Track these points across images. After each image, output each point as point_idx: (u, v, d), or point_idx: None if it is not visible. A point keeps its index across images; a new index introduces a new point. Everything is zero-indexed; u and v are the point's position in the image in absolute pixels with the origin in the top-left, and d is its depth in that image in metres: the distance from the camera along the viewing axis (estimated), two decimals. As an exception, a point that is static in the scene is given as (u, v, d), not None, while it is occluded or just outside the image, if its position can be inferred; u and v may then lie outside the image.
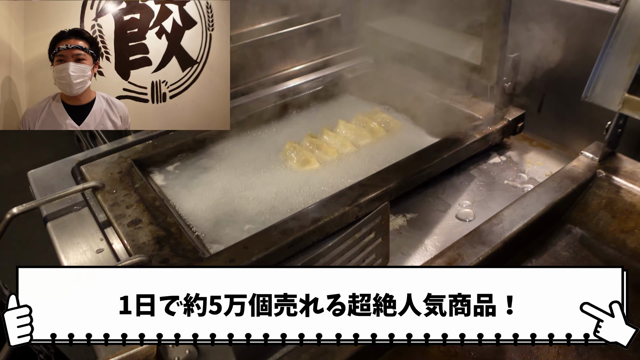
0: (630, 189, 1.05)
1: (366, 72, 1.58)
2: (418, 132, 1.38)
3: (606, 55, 1.04)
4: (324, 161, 1.25)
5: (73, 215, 1.08)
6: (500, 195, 1.13)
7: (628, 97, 1.01)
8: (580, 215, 1.06)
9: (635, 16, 1.00)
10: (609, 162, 1.11)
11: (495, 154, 1.27)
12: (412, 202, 1.12)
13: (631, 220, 1.02)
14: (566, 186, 1.05)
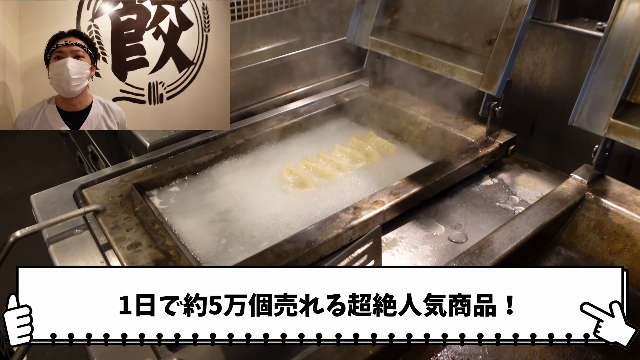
0: (618, 210, 1.07)
1: (362, 95, 1.62)
2: (411, 155, 1.41)
3: (592, 81, 1.08)
4: (320, 184, 1.28)
5: (74, 238, 1.10)
6: (492, 218, 1.16)
7: (613, 121, 1.04)
8: (570, 237, 1.08)
9: (619, 43, 1.04)
10: (598, 184, 1.14)
11: (488, 177, 1.30)
12: (405, 224, 1.15)
13: (619, 242, 1.04)
14: (555, 208, 1.07)
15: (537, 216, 1.05)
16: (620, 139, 1.04)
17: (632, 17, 1.02)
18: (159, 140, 1.41)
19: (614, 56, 1.04)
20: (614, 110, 1.04)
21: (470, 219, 1.15)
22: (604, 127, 1.06)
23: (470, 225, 1.14)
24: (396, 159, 1.39)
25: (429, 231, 1.13)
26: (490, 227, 1.12)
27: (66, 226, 1.12)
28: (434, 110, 1.47)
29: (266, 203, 1.23)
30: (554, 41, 1.32)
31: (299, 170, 1.31)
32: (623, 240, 1.04)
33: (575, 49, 1.29)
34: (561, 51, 1.31)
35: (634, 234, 1.03)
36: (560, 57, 1.32)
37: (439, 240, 1.10)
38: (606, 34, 1.06)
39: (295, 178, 1.28)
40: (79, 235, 1.11)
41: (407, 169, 1.27)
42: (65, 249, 1.08)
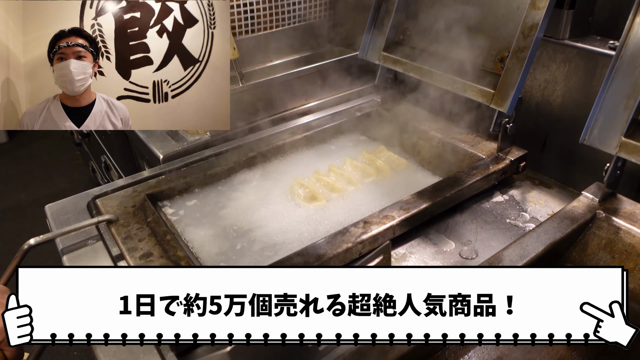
0: (629, 229, 1.07)
1: (373, 110, 1.63)
2: (422, 170, 1.42)
3: (603, 99, 1.08)
4: (330, 198, 1.28)
5: (88, 248, 1.12)
6: (502, 234, 1.16)
7: (625, 140, 1.04)
8: (580, 255, 1.08)
9: (631, 62, 1.04)
10: (609, 202, 1.14)
11: (499, 193, 1.30)
12: (415, 239, 1.15)
13: (630, 261, 1.04)
14: (566, 226, 1.07)
15: (547, 234, 1.05)
16: (632, 158, 1.04)
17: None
18: (172, 152, 1.43)
19: (626, 75, 1.05)
20: (626, 129, 1.04)
21: (480, 235, 1.15)
22: (615, 146, 1.06)
23: (480, 242, 1.14)
24: (407, 174, 1.40)
25: (439, 247, 1.13)
26: (500, 243, 1.12)
27: (80, 236, 1.14)
28: (445, 126, 1.47)
29: (277, 215, 1.24)
30: (565, 59, 1.33)
31: (310, 184, 1.32)
32: (634, 260, 1.04)
33: (587, 67, 1.29)
34: (573, 69, 1.32)
35: (646, 254, 1.03)
36: (572, 75, 1.32)
37: (449, 256, 1.10)
38: (618, 53, 1.06)
39: (306, 192, 1.29)
40: (92, 245, 1.13)
41: (418, 184, 1.28)
42: (78, 259, 1.09)
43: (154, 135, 1.51)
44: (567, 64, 1.33)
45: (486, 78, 1.33)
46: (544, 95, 1.40)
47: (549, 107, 1.39)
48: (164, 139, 1.49)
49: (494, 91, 1.27)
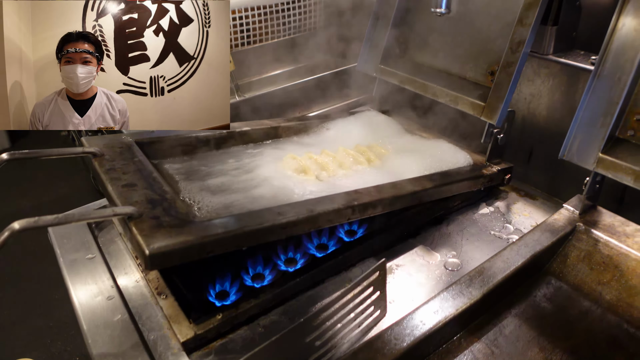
0: (607, 241, 1.11)
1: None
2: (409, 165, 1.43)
3: (581, 117, 1.12)
4: (320, 176, 1.31)
5: (88, 262, 1.16)
6: (487, 246, 1.20)
7: (602, 156, 1.08)
8: (560, 267, 1.12)
9: (607, 80, 1.08)
10: (589, 215, 1.18)
11: (484, 205, 1.34)
12: (402, 252, 1.19)
13: (608, 273, 1.08)
14: (546, 239, 1.11)
15: (528, 247, 1.09)
16: (609, 174, 1.08)
17: (621, 57, 1.07)
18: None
19: (603, 93, 1.09)
20: (603, 146, 1.09)
21: (465, 248, 1.20)
22: (593, 162, 1.10)
23: (464, 254, 1.18)
24: (396, 167, 1.39)
25: (425, 259, 1.17)
26: (485, 255, 1.16)
27: (78, 251, 1.19)
28: (437, 136, 1.52)
29: (266, 181, 1.24)
30: (549, 74, 1.37)
31: (302, 160, 1.33)
32: (611, 271, 1.08)
33: (570, 81, 1.33)
34: (557, 84, 1.36)
35: (622, 265, 1.07)
36: (556, 89, 1.36)
37: (434, 268, 1.14)
38: (595, 71, 1.10)
39: (298, 165, 1.31)
40: (92, 259, 1.17)
41: (409, 174, 1.29)
42: (79, 272, 1.14)
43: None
44: (551, 78, 1.37)
45: (477, 91, 1.38)
46: (529, 109, 1.44)
47: (535, 120, 1.43)
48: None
49: (484, 104, 1.32)
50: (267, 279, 1.30)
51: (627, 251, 1.08)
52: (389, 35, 1.62)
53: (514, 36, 1.27)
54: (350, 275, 1.13)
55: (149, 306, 1.06)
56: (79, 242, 1.22)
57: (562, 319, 1.02)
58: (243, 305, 1.01)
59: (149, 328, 1.01)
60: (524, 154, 1.48)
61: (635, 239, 1.10)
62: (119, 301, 1.06)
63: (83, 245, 1.21)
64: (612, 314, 1.02)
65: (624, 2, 1.08)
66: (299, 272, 1.08)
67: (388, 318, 1.02)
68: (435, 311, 0.94)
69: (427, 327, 0.91)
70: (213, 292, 1.27)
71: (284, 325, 1.01)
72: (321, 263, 1.11)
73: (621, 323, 1.00)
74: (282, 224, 0.97)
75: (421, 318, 0.93)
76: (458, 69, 1.47)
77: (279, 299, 1.06)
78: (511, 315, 1.03)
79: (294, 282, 1.06)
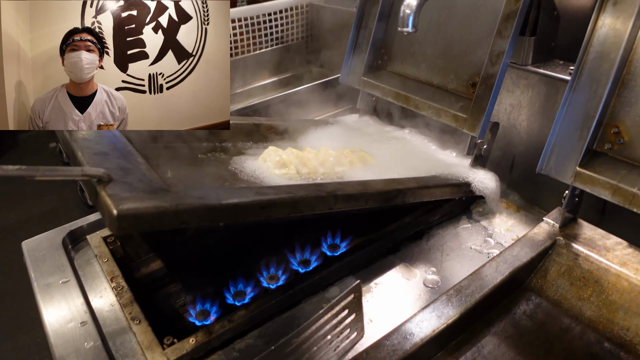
0: (587, 256, 1.10)
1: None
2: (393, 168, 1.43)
3: (558, 130, 1.11)
4: (301, 172, 1.29)
5: (62, 286, 1.15)
6: (467, 262, 1.19)
7: (579, 170, 1.07)
8: (540, 282, 1.11)
9: (583, 93, 1.07)
10: (569, 228, 1.17)
11: (465, 218, 1.33)
12: (381, 271, 1.18)
13: (588, 288, 1.07)
14: (525, 254, 1.10)
15: (507, 263, 1.07)
16: (587, 188, 1.07)
17: (597, 69, 1.06)
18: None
19: (580, 106, 1.08)
20: (580, 159, 1.07)
21: (445, 264, 1.18)
22: (570, 176, 1.09)
23: (444, 270, 1.16)
24: (379, 170, 1.39)
25: (404, 276, 1.15)
26: (464, 271, 1.15)
27: (55, 276, 1.17)
28: (423, 141, 1.51)
29: (244, 171, 1.26)
30: (528, 84, 1.36)
31: (285, 153, 1.32)
32: (592, 286, 1.06)
33: (549, 92, 1.32)
34: (536, 94, 1.35)
35: (602, 280, 1.06)
36: (535, 100, 1.35)
37: (414, 285, 1.13)
38: (571, 84, 1.09)
39: (279, 158, 1.29)
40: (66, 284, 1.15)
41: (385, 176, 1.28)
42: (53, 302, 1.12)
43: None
44: (530, 89, 1.36)
45: (459, 102, 1.37)
46: (509, 120, 1.43)
47: (515, 131, 1.42)
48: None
49: (467, 116, 1.31)
50: (248, 297, 1.29)
51: (607, 265, 1.07)
52: (371, 47, 1.61)
53: (493, 48, 1.26)
54: (327, 295, 1.11)
55: (123, 331, 1.04)
56: (54, 265, 1.20)
57: (542, 337, 1.00)
58: (217, 329, 0.99)
59: (122, 354, 0.99)
60: (506, 164, 1.47)
61: (615, 252, 1.09)
62: (92, 327, 1.04)
63: (58, 269, 1.19)
64: (592, 331, 1.01)
65: (599, 13, 1.07)
66: (275, 293, 1.07)
67: (366, 339, 1.01)
68: (412, 333, 0.92)
69: (403, 349, 0.90)
70: (193, 312, 1.26)
71: (260, 349, 0.99)
72: (297, 283, 1.09)
73: (601, 340, 0.99)
74: (262, 202, 0.92)
75: (398, 340, 0.92)
76: (440, 81, 1.46)
77: (255, 321, 1.04)
78: (490, 333, 1.01)
79: (270, 304, 1.04)
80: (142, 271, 1.32)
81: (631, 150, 1.04)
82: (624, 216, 1.11)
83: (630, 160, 1.04)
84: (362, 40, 1.64)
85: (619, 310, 1.01)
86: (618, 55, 1.02)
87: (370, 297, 1.11)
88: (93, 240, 1.25)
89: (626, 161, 1.04)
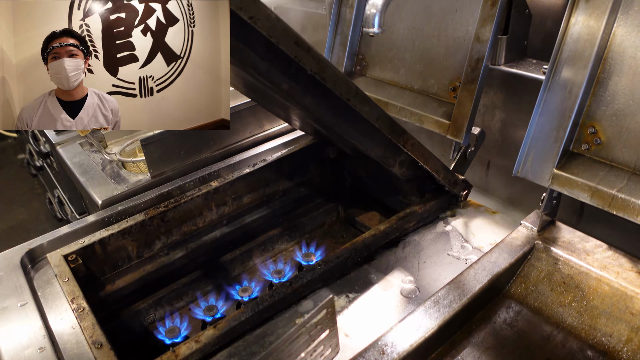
0: (567, 260, 1.07)
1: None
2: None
3: (533, 132, 1.08)
4: None
5: (20, 310, 1.08)
6: (445, 269, 1.15)
7: (557, 172, 1.04)
8: (520, 289, 1.08)
9: (558, 92, 1.04)
10: (548, 232, 1.14)
11: (442, 223, 1.29)
12: (356, 279, 1.14)
13: (569, 293, 1.04)
14: (504, 260, 1.06)
15: (485, 270, 1.04)
16: (564, 191, 1.04)
17: (571, 67, 1.03)
18: (111, 197, 1.39)
19: (555, 106, 1.05)
20: (557, 161, 1.04)
21: (421, 272, 1.14)
22: (548, 179, 1.06)
23: (421, 279, 1.12)
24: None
25: (380, 287, 1.11)
26: (441, 279, 1.11)
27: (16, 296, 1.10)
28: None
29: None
30: (502, 84, 1.33)
31: None
32: (572, 292, 1.03)
33: (523, 92, 1.29)
34: (509, 94, 1.32)
35: (583, 285, 1.03)
36: (509, 100, 1.32)
37: (390, 296, 1.09)
38: (545, 83, 1.06)
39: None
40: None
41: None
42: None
43: (94, 178, 1.48)
44: (504, 89, 1.33)
45: (441, 108, 1.34)
46: (484, 121, 1.40)
47: (490, 133, 1.39)
48: (104, 182, 1.45)
49: (449, 122, 1.28)
50: (220, 311, 1.24)
51: (587, 269, 1.04)
52: (348, 53, 1.57)
53: (472, 53, 1.23)
54: (300, 310, 1.06)
55: (83, 356, 0.97)
56: (11, 287, 1.14)
57: (523, 347, 0.97)
58: (183, 351, 0.94)
59: (82, 382, 0.93)
60: (481, 166, 1.44)
61: (595, 255, 1.06)
62: (50, 353, 0.98)
63: (15, 290, 1.12)
64: (574, 339, 0.98)
65: (571, 10, 1.04)
66: (246, 309, 1.02)
67: (342, 354, 0.96)
68: (389, 348, 0.88)
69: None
70: (163, 329, 1.20)
71: (230, 370, 0.94)
72: (269, 298, 1.04)
73: (584, 348, 0.96)
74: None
75: (375, 356, 0.88)
76: (420, 85, 1.42)
77: (224, 341, 0.99)
78: (470, 344, 0.98)
79: (239, 321, 0.99)
80: (108, 289, 1.27)
81: (608, 150, 1.01)
82: (602, 217, 1.09)
83: (608, 161, 1.01)
84: (339, 47, 1.60)
85: (601, 315, 0.98)
86: (592, 53, 0.99)
87: (346, 310, 1.06)
88: (53, 259, 1.18)
89: (604, 162, 1.01)
